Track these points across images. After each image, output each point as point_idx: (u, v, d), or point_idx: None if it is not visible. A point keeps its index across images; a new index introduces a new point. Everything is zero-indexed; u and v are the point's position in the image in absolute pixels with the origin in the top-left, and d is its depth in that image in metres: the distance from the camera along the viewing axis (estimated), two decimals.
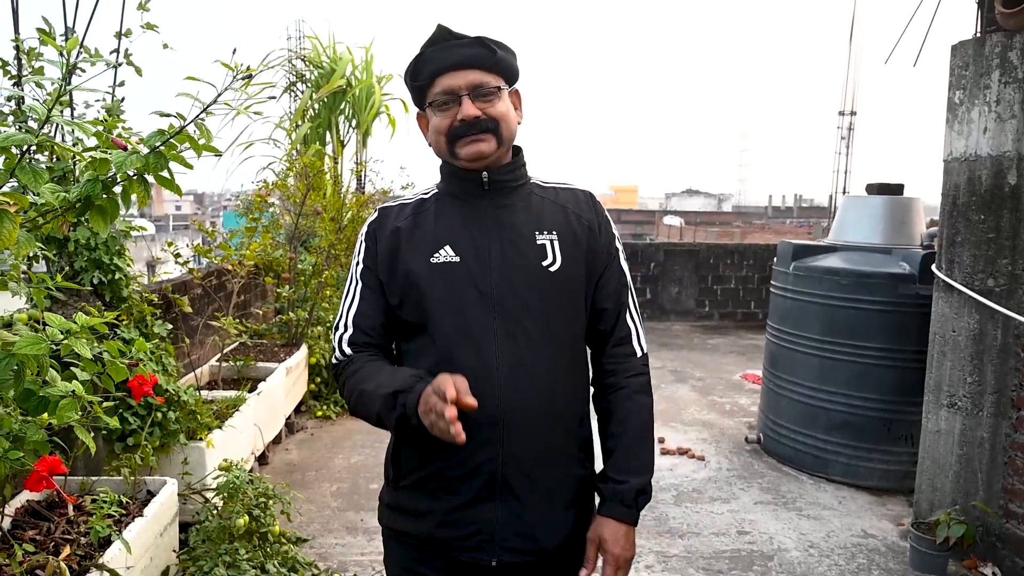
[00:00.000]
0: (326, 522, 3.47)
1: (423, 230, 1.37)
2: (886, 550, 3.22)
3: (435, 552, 1.35)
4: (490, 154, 1.32)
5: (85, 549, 2.25)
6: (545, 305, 1.32)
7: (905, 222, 4.04)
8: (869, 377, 3.83)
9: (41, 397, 1.55)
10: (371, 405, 1.28)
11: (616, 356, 1.43)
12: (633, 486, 1.35)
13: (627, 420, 1.39)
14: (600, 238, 1.41)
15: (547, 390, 1.32)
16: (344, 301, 1.43)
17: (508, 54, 1.35)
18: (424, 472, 1.34)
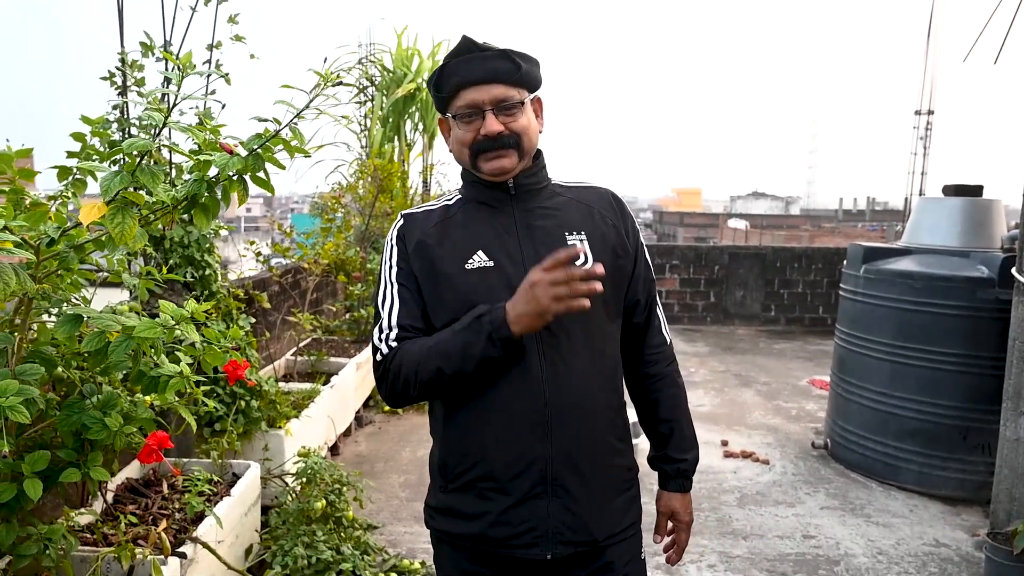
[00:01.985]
0: (395, 511, 3.61)
1: (453, 237, 1.39)
2: (959, 560, 3.14)
3: (488, 551, 1.38)
4: (511, 168, 1.36)
5: (179, 523, 2.43)
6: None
7: (984, 224, 3.92)
8: (943, 383, 3.73)
9: (152, 377, 1.70)
10: (449, 348, 1.28)
11: (654, 346, 1.52)
12: (691, 462, 1.53)
13: (676, 405, 1.53)
14: (628, 236, 1.45)
15: (588, 386, 1.36)
16: (382, 305, 1.43)
17: (532, 65, 1.38)
18: (472, 475, 1.36)
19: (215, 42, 3.15)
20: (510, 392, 1.32)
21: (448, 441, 1.40)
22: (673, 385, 1.53)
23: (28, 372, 1.55)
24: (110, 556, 2.04)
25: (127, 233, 1.44)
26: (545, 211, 1.40)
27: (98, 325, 1.48)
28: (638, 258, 1.47)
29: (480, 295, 1.33)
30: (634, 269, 1.46)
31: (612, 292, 1.40)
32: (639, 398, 1.56)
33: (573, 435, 1.34)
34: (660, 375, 1.52)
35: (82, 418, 1.66)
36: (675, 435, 1.52)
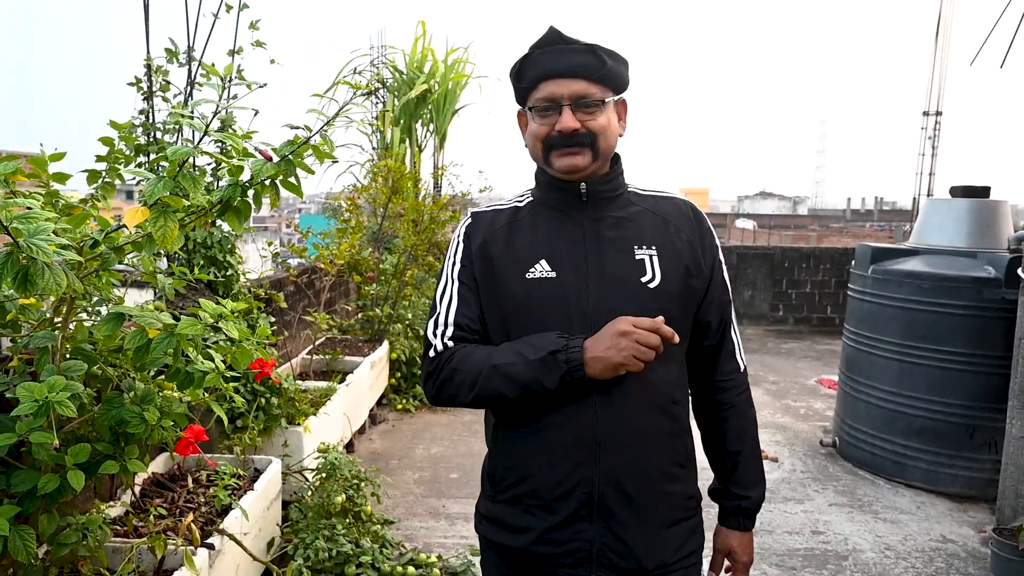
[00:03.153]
0: (410, 507, 3.68)
1: (518, 242, 1.35)
2: (966, 555, 3.19)
3: (532, 566, 1.34)
4: (584, 168, 1.30)
5: (206, 516, 2.51)
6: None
7: (991, 225, 3.97)
8: (951, 382, 3.78)
9: (187, 373, 1.77)
10: (516, 376, 1.24)
11: (724, 373, 1.43)
12: (755, 499, 1.44)
13: (743, 438, 1.43)
14: (703, 253, 1.36)
15: (642, 409, 1.29)
16: (441, 301, 1.40)
17: (619, 64, 1.31)
18: (520, 489, 1.33)
19: (236, 47, 3.23)
20: (559, 412, 1.27)
21: (497, 453, 1.39)
22: (742, 416, 1.44)
23: (72, 369, 1.63)
24: (142, 546, 2.12)
25: (168, 236, 1.52)
26: (617, 221, 1.33)
27: (140, 323, 1.56)
28: (713, 277, 1.38)
29: (536, 306, 1.29)
30: (707, 289, 1.38)
31: (680, 311, 1.33)
32: (705, 426, 1.48)
33: (622, 459, 1.28)
34: (728, 404, 1.43)
35: (121, 412, 1.73)
36: (739, 469, 1.43)
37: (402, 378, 5.58)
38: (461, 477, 4.09)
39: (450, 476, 4.10)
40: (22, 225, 1.28)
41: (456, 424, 5.05)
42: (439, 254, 6.16)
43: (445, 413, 5.32)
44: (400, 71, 7.23)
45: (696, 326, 1.39)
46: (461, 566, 2.99)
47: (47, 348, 1.66)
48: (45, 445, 1.60)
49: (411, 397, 5.48)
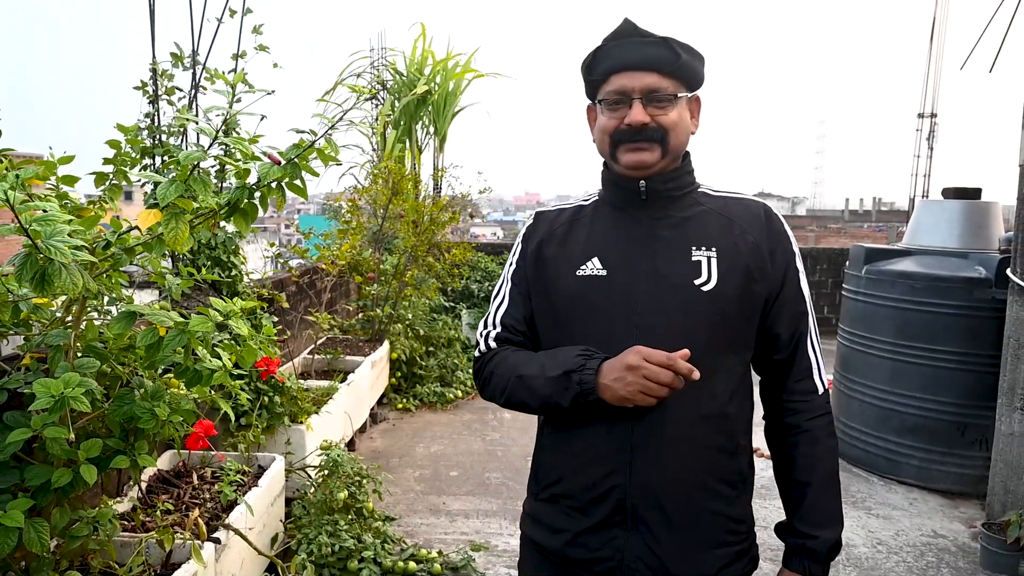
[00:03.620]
0: (411, 504, 3.73)
1: (575, 239, 1.32)
2: (956, 550, 3.25)
3: (563, 568, 1.32)
4: (652, 164, 1.25)
5: (211, 512, 2.56)
6: (692, 326, 1.22)
7: (983, 226, 4.03)
8: (943, 380, 3.84)
9: (195, 371, 1.83)
10: (535, 390, 1.25)
11: (796, 393, 1.32)
12: (825, 541, 1.27)
13: (814, 468, 1.29)
14: (773, 259, 1.28)
15: (683, 422, 1.22)
16: (494, 300, 1.41)
17: (693, 58, 1.26)
18: (558, 489, 1.32)
19: (240, 52, 3.28)
20: (598, 414, 1.23)
21: (541, 451, 1.38)
22: (814, 443, 1.30)
23: (85, 366, 1.68)
24: (149, 541, 2.17)
25: (180, 237, 1.57)
26: (678, 221, 1.28)
27: (153, 320, 1.61)
28: (785, 285, 1.29)
29: (585, 305, 1.27)
30: (777, 296, 1.28)
31: (738, 316, 1.25)
32: (774, 450, 1.37)
33: (658, 470, 1.22)
34: (799, 428, 1.30)
35: (132, 408, 1.79)
36: (806, 503, 1.29)
37: (402, 378, 5.64)
38: (461, 475, 4.15)
39: (450, 474, 4.15)
40: (41, 227, 1.33)
41: (456, 423, 5.11)
42: (439, 254, 6.22)
43: (445, 412, 5.38)
44: (400, 73, 7.29)
45: (764, 336, 1.30)
46: (461, 561, 3.05)
47: (60, 346, 1.72)
48: (59, 440, 1.65)
49: (411, 396, 5.53)
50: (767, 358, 1.33)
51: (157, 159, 3.03)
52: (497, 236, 28.21)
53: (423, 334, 5.83)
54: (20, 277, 1.37)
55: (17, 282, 1.37)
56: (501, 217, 62.02)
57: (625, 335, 1.22)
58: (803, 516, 1.30)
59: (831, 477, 1.31)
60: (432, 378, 5.78)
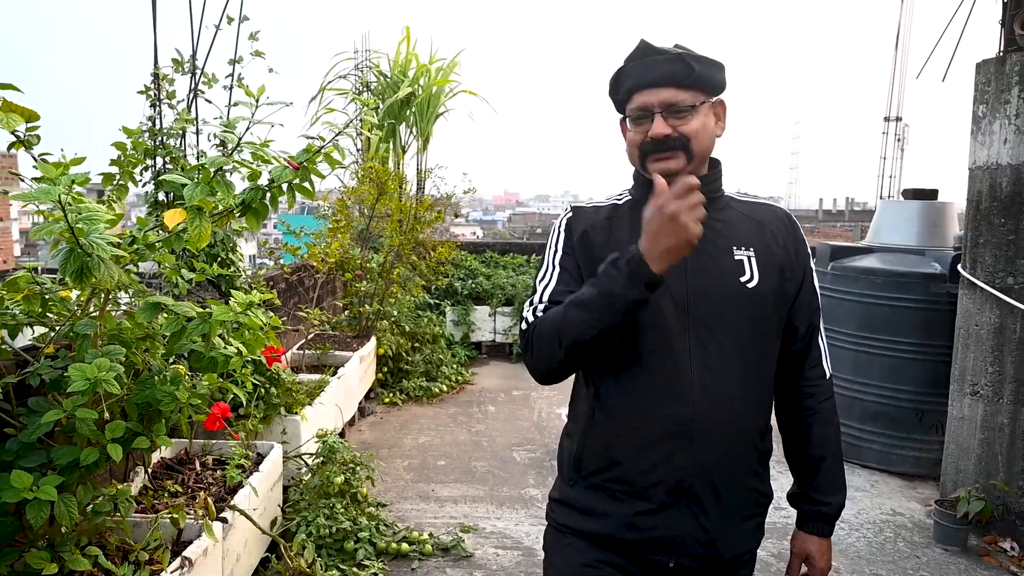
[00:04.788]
0: (401, 491, 3.90)
1: (619, 235, 1.38)
2: (912, 526, 3.49)
3: (611, 550, 1.38)
4: (678, 171, 1.31)
5: (216, 495, 2.71)
6: (739, 320, 1.31)
7: (939, 225, 4.28)
8: (902, 370, 4.08)
9: (210, 358, 1.99)
10: (588, 301, 1.24)
11: (810, 378, 1.46)
12: (836, 506, 1.47)
13: (826, 445, 1.46)
14: (796, 258, 1.40)
15: (735, 404, 1.33)
16: (540, 281, 1.43)
17: (709, 68, 1.34)
18: (608, 475, 1.37)
19: (237, 57, 3.43)
20: (657, 400, 1.31)
21: (588, 437, 1.41)
22: (826, 423, 1.46)
23: (113, 353, 1.83)
24: (162, 519, 2.32)
25: (204, 234, 1.73)
26: (714, 222, 1.35)
27: (177, 311, 1.77)
28: (804, 282, 1.42)
29: None
30: (798, 293, 1.41)
31: (773, 312, 1.37)
32: (788, 430, 1.51)
33: (714, 452, 1.32)
34: (813, 410, 1.46)
35: (154, 392, 1.94)
36: (821, 476, 1.46)
37: (389, 373, 5.79)
38: (448, 464, 4.32)
39: (438, 463, 4.32)
40: (85, 225, 1.49)
41: (442, 416, 5.28)
42: (423, 252, 6.38)
43: (431, 405, 5.55)
44: (384, 74, 7.43)
45: (785, 329, 1.41)
46: (452, 542, 3.22)
47: (88, 335, 1.86)
48: (87, 421, 1.80)
49: (398, 391, 5.69)
50: (785, 348, 1.43)
51: (159, 160, 3.17)
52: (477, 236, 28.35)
53: (409, 330, 5.99)
54: (63, 270, 1.52)
55: (62, 274, 1.51)
56: (481, 217, 62.15)
57: (678, 327, 1.30)
58: (818, 486, 1.46)
59: (839, 452, 1.48)
60: (418, 373, 5.94)
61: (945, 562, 3.16)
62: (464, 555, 3.18)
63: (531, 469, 4.25)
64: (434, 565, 3.11)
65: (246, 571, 2.74)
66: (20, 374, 1.86)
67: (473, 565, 3.12)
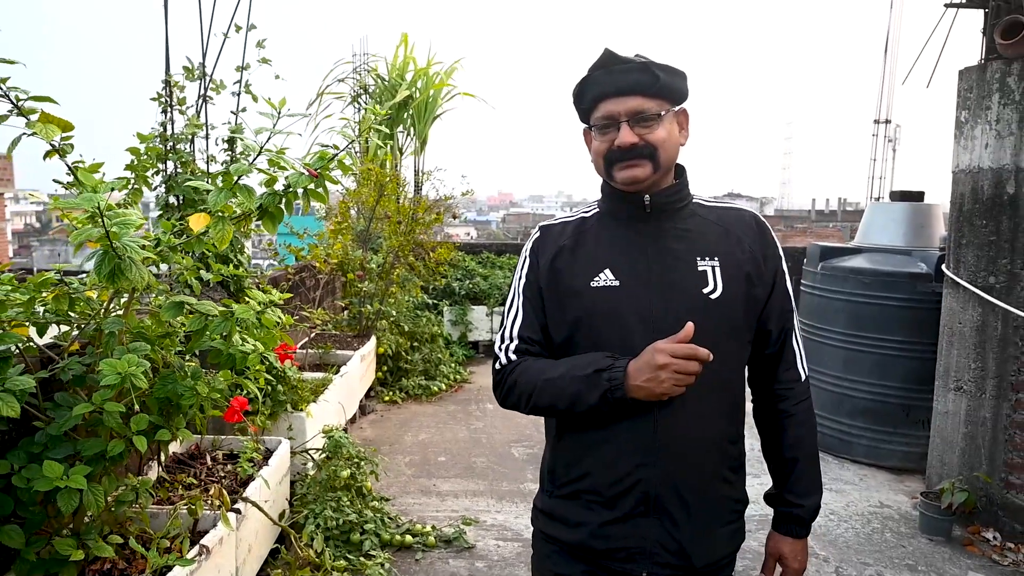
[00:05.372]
0: (403, 486, 4.00)
1: (584, 250, 1.40)
2: (899, 517, 3.61)
3: (585, 559, 1.40)
4: (645, 179, 1.33)
5: (227, 488, 2.81)
6: (704, 332, 1.27)
7: (925, 226, 4.41)
8: (890, 367, 4.21)
9: (229, 355, 2.09)
10: (563, 389, 1.30)
11: (784, 381, 1.45)
12: (810, 507, 1.45)
13: (800, 446, 1.45)
14: (765, 263, 1.39)
15: (703, 415, 1.34)
16: (507, 314, 1.47)
17: (673, 77, 1.34)
18: (580, 485, 1.39)
19: (244, 64, 3.52)
20: (622, 415, 1.32)
21: (558, 450, 1.44)
22: (800, 424, 1.45)
23: (139, 349, 1.93)
24: (180, 509, 2.42)
25: (226, 237, 1.83)
26: (681, 232, 1.37)
27: (200, 309, 1.87)
28: (775, 286, 1.41)
29: (602, 314, 1.34)
30: (769, 297, 1.40)
31: (742, 320, 1.37)
32: (764, 432, 1.51)
33: (680, 463, 1.33)
34: (787, 412, 1.45)
35: (176, 387, 2.04)
36: (795, 477, 1.45)
37: (388, 371, 5.89)
38: (448, 460, 4.42)
39: (438, 459, 4.43)
40: (119, 229, 1.58)
41: (441, 414, 5.38)
42: (423, 254, 6.48)
43: (430, 403, 5.65)
44: (382, 78, 7.53)
45: (757, 334, 1.42)
46: (454, 534, 3.33)
47: (115, 332, 1.96)
48: (114, 414, 1.90)
49: (397, 389, 5.79)
50: (758, 352, 1.44)
51: (170, 164, 3.26)
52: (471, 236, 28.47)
53: (408, 330, 6.09)
54: (98, 271, 1.62)
55: (96, 275, 1.61)
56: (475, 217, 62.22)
57: (642, 342, 1.29)
58: (791, 488, 1.46)
59: (814, 453, 1.47)
60: (417, 372, 6.04)
61: (930, 551, 3.28)
62: (466, 546, 3.29)
63: (529, 464, 4.36)
64: (437, 556, 3.22)
65: (257, 561, 2.84)
66: (51, 369, 1.96)
67: (475, 556, 3.23)
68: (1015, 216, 3.23)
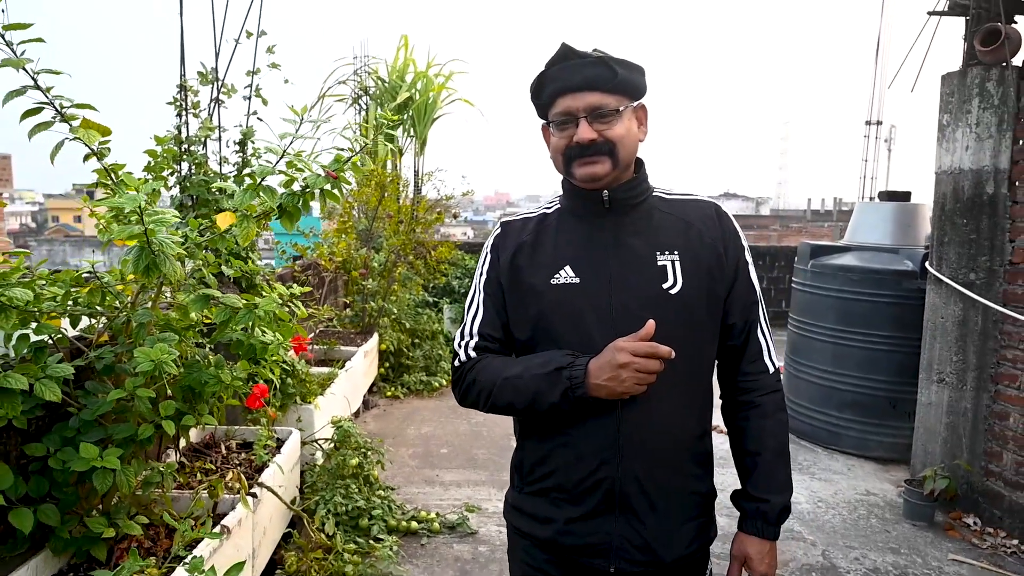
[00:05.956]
0: (407, 476, 4.14)
1: (544, 248, 1.39)
2: (884, 505, 3.76)
3: (555, 554, 1.40)
4: (604, 176, 1.31)
5: (243, 474, 2.94)
6: (665, 327, 1.26)
7: (911, 225, 4.56)
8: (877, 361, 4.36)
9: (250, 345, 2.22)
10: (523, 388, 1.30)
11: (749, 373, 1.41)
12: (776, 505, 1.38)
13: (763, 439, 1.39)
14: (727, 255, 1.37)
15: (666, 410, 1.32)
16: (468, 311, 1.46)
17: (632, 72, 1.32)
18: (547, 483, 1.38)
19: (255, 68, 3.66)
20: (584, 413, 1.31)
21: (525, 448, 1.44)
22: (764, 416, 1.40)
23: (168, 339, 2.06)
24: (202, 491, 2.56)
25: (249, 234, 1.97)
26: (640, 227, 1.36)
27: (226, 302, 2.01)
28: (737, 278, 1.39)
29: (563, 312, 1.33)
30: (731, 289, 1.38)
31: (705, 313, 1.35)
32: (729, 425, 1.47)
33: (645, 459, 1.32)
34: (751, 403, 1.41)
35: (201, 375, 2.17)
36: (758, 471, 1.40)
37: (390, 368, 6.03)
38: (451, 452, 4.56)
39: (441, 451, 4.57)
40: (156, 227, 1.72)
41: (443, 408, 5.52)
42: (423, 252, 6.62)
43: (431, 399, 5.79)
44: (383, 80, 7.66)
45: (721, 326, 1.39)
46: (457, 520, 3.47)
47: (144, 323, 2.09)
48: (144, 399, 2.04)
49: (399, 385, 5.93)
50: (723, 344, 1.41)
51: (184, 165, 3.39)
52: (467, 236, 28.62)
53: (409, 327, 6.23)
54: (135, 265, 1.75)
55: (133, 269, 1.74)
56: (472, 217, 62.33)
57: (602, 339, 1.28)
58: (756, 483, 1.39)
59: (781, 447, 1.40)
60: (418, 368, 6.18)
61: (913, 536, 3.43)
62: (469, 532, 3.43)
63: None
64: (442, 541, 3.36)
65: (271, 544, 2.97)
66: (86, 359, 2.09)
67: (478, 541, 3.37)
68: (994, 215, 3.38)
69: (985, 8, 3.42)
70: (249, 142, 3.59)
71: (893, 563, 3.17)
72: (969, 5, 3.50)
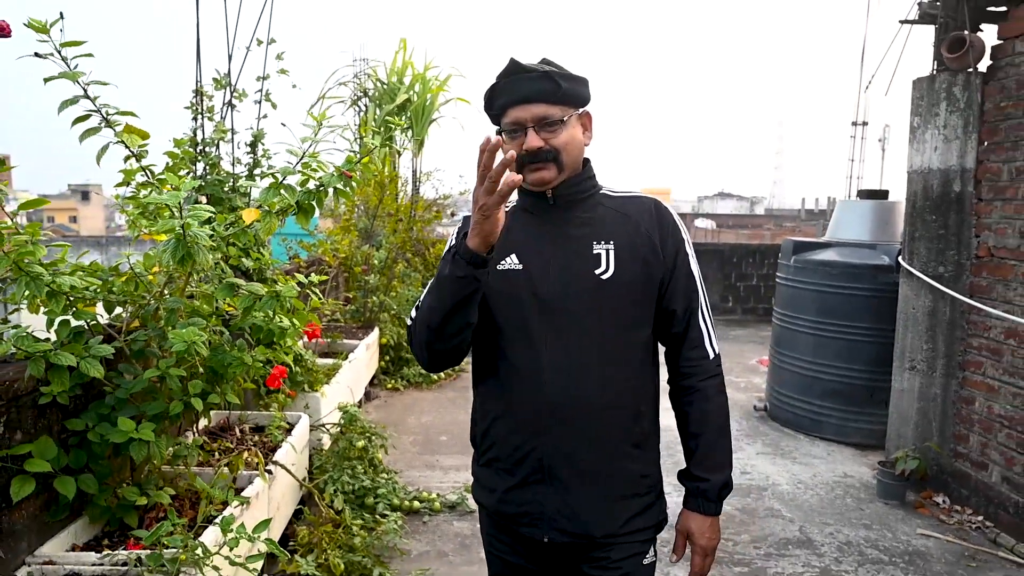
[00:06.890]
0: (409, 461, 4.35)
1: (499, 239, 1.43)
2: (860, 486, 3.99)
3: (502, 524, 1.53)
4: (551, 180, 1.43)
5: (257, 456, 3.15)
6: (596, 310, 1.39)
7: (888, 222, 4.79)
8: (856, 351, 4.58)
9: (269, 331, 2.43)
10: (433, 287, 1.40)
11: (691, 359, 1.50)
12: (715, 483, 1.48)
13: (706, 421, 1.49)
14: (663, 244, 1.47)
15: (590, 387, 1.41)
16: (425, 288, 1.61)
17: (575, 83, 1.43)
18: (491, 453, 1.52)
19: (265, 74, 3.86)
20: (517, 385, 1.43)
21: (477, 423, 1.57)
22: (705, 400, 1.49)
23: (197, 324, 2.27)
24: (220, 464, 2.76)
25: (272, 229, 2.18)
26: (583, 220, 1.47)
27: (250, 290, 2.21)
28: (676, 267, 1.48)
29: (505, 295, 1.45)
30: (670, 279, 1.47)
31: (641, 298, 1.45)
32: (675, 409, 1.56)
33: (570, 432, 1.41)
34: (692, 388, 1.50)
35: (226, 357, 2.38)
36: (699, 452, 1.50)
37: (390, 361, 6.24)
38: (450, 439, 4.77)
39: (440, 439, 4.78)
40: (191, 220, 1.93)
41: (441, 399, 5.73)
42: (421, 249, 6.83)
43: (430, 391, 6.00)
44: (381, 81, 7.86)
45: (662, 313, 1.49)
46: (457, 500, 3.68)
47: (175, 309, 2.30)
48: (175, 377, 2.24)
49: (399, 377, 6.14)
50: (665, 331, 1.52)
51: (199, 166, 3.60)
52: None
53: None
54: (173, 256, 1.96)
55: (171, 260, 1.95)
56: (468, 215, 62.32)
57: (539, 320, 1.42)
58: (698, 462, 1.50)
59: (721, 430, 1.51)
60: (417, 361, 6.38)
61: (885, 513, 3.65)
62: (468, 511, 3.64)
63: None
64: (443, 519, 3.57)
65: (283, 520, 3.18)
66: (125, 340, 2.29)
67: (477, 519, 3.57)
68: (961, 212, 3.60)
69: (952, 17, 3.65)
70: (259, 144, 3.79)
71: (864, 537, 3.39)
72: (937, 14, 3.72)
